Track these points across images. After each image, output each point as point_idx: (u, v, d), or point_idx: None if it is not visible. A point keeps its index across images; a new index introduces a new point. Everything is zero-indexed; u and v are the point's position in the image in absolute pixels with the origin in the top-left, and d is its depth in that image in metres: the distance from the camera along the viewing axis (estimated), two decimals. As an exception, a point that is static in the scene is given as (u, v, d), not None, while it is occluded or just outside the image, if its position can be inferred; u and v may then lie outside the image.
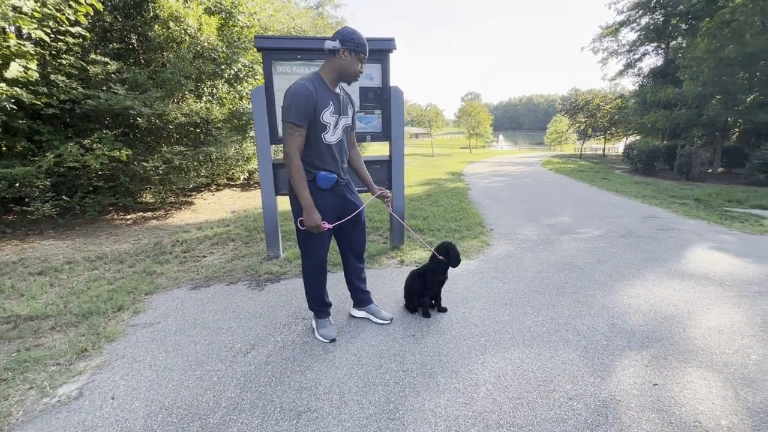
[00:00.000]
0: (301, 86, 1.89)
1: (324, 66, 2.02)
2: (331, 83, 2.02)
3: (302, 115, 1.89)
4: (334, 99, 2.02)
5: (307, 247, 2.21)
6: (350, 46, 1.92)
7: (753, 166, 10.35)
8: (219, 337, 2.35)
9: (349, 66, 1.98)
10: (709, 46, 11.14)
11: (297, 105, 1.87)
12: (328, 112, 1.98)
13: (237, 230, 5.10)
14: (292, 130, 1.89)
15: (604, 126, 25.08)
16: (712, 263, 3.65)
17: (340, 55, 1.95)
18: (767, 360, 2.10)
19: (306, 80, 1.94)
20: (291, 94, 1.90)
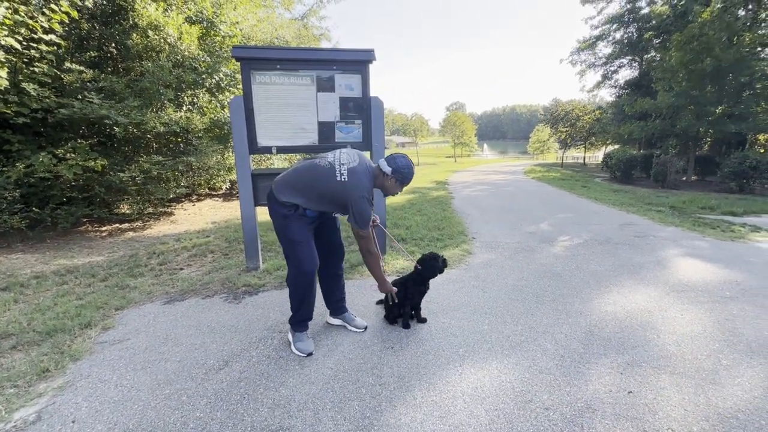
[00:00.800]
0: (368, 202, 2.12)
1: (378, 176, 2.24)
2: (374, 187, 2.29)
3: (369, 222, 2.18)
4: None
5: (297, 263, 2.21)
6: (398, 177, 2.21)
7: (724, 174, 10.76)
8: (191, 353, 2.28)
9: (391, 188, 2.28)
10: (682, 59, 11.62)
11: (367, 217, 2.13)
12: None
13: (217, 241, 4.99)
14: (366, 233, 2.19)
15: (583, 135, 25.76)
16: (685, 269, 3.75)
17: (389, 178, 2.22)
18: (737, 364, 2.14)
19: (368, 189, 2.15)
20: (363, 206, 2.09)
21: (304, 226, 2.18)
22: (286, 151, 3.76)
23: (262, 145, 3.59)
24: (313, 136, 3.70)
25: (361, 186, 2.10)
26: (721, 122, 11.69)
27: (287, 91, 3.54)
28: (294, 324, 2.34)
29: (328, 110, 3.67)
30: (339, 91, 3.67)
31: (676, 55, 11.93)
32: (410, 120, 37.82)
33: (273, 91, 3.52)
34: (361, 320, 2.59)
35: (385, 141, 4.06)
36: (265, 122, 3.55)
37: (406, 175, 2.21)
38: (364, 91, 3.72)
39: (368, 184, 2.15)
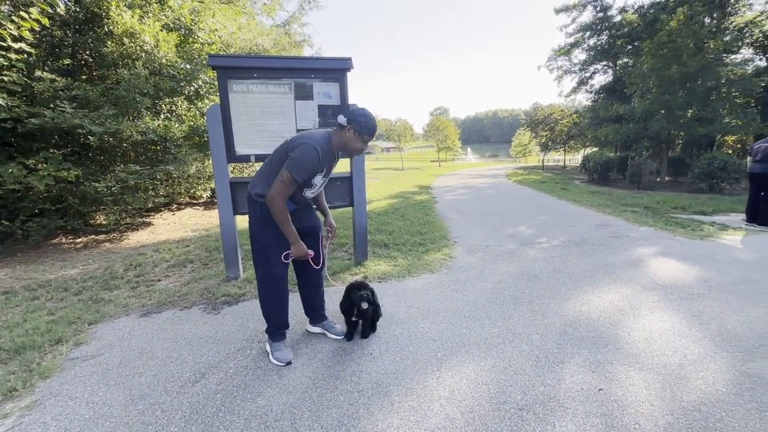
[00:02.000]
0: (315, 151, 1.98)
1: (335, 132, 2.13)
2: (334, 149, 2.15)
3: (304, 176, 2.00)
4: (329, 165, 2.18)
5: (267, 268, 2.20)
6: (356, 126, 2.05)
7: (694, 174, 11.19)
8: (167, 366, 2.24)
9: (352, 143, 2.10)
10: (654, 65, 12.07)
11: (305, 166, 1.97)
12: (319, 176, 2.13)
13: (197, 251, 4.92)
14: (289, 181, 1.98)
15: (563, 139, 26.40)
16: (657, 268, 3.88)
17: (346, 131, 2.08)
18: (702, 359, 2.24)
19: (319, 144, 2.02)
20: (305, 153, 1.96)
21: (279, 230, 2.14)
22: (264, 159, 3.74)
23: (240, 153, 3.57)
24: (292, 144, 3.70)
25: (311, 136, 2.03)
26: (691, 125, 12.17)
27: (265, 99, 3.54)
28: (270, 334, 2.33)
29: (306, 118, 3.69)
30: (317, 99, 3.69)
31: (648, 61, 12.39)
32: (394, 125, 38.10)
33: (250, 99, 3.51)
34: (341, 327, 2.60)
35: (368, 147, 4.09)
36: (242, 130, 3.54)
37: (363, 124, 2.05)
38: (342, 98, 3.75)
39: (320, 139, 2.04)
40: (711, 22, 15.87)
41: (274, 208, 2.00)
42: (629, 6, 20.00)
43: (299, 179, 1.98)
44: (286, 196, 2.00)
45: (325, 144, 2.06)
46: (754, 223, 5.97)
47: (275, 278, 2.21)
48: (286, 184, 1.97)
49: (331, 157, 2.16)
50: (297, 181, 1.98)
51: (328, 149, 2.08)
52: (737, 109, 12.28)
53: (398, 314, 2.90)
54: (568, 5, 21.84)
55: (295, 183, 1.98)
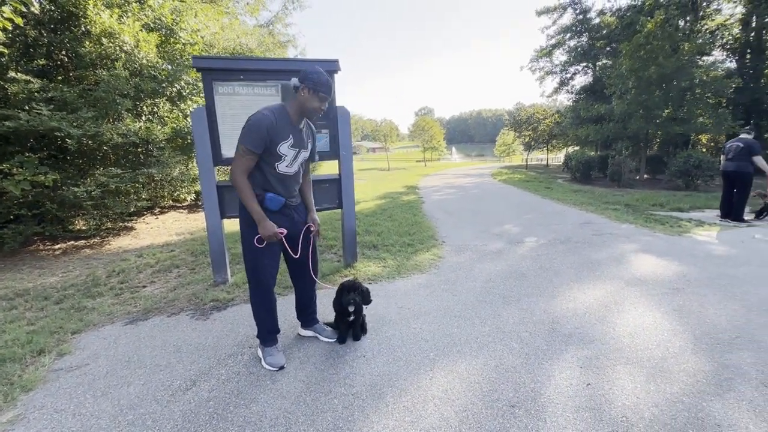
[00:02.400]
0: (263, 115, 1.96)
1: (290, 101, 2.10)
2: (294, 118, 2.09)
3: (257, 142, 1.95)
4: (294, 132, 2.11)
5: (255, 272, 2.18)
6: (309, 84, 1.99)
7: (671, 172, 11.57)
8: (156, 375, 2.19)
9: (308, 103, 2.04)
10: (632, 66, 12.43)
11: (254, 131, 1.94)
12: (286, 145, 2.06)
13: (182, 255, 4.83)
14: (243, 152, 1.97)
15: (545, 138, 26.91)
16: (638, 264, 4.01)
17: (301, 92, 2.03)
18: (683, 352, 2.32)
19: (269, 110, 2.01)
20: (252, 120, 1.98)
21: None
22: (252, 162, 3.71)
23: (227, 156, 3.52)
24: (280, 147, 3.67)
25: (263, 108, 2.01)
26: (668, 124, 12.58)
27: (252, 101, 3.50)
28: (261, 339, 2.32)
29: (294, 120, 3.66)
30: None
31: (626, 62, 12.75)
32: (380, 125, 38.12)
33: (237, 101, 3.47)
34: (332, 330, 2.60)
35: (353, 148, 4.09)
36: (229, 133, 3.49)
37: (316, 80, 1.98)
38: (330, 100, 3.73)
39: (272, 106, 2.03)
40: (685, 25, 16.44)
41: (235, 184, 1.99)
42: (607, 9, 20.55)
43: (252, 146, 1.94)
44: (245, 169, 1.99)
45: (279, 109, 2.03)
46: (728, 218, 6.22)
47: (259, 285, 2.20)
48: (240, 156, 1.96)
49: (293, 127, 2.08)
50: (250, 150, 1.94)
51: (283, 114, 2.04)
52: (710, 109, 12.75)
53: (390, 315, 2.92)
54: (549, 7, 22.31)
55: (249, 153, 1.95)
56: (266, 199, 2.10)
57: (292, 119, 2.08)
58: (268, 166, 2.06)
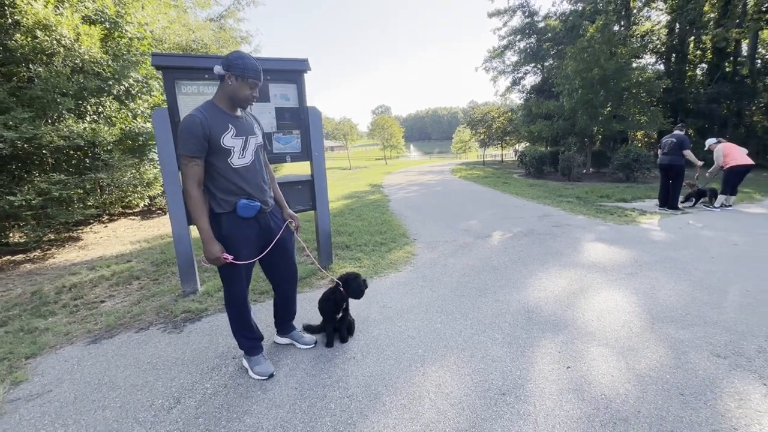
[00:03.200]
0: (189, 117, 1.86)
1: (217, 92, 1.99)
2: (227, 108, 1.98)
3: (194, 145, 1.84)
4: (234, 122, 1.99)
5: (232, 277, 2.09)
6: (235, 71, 1.88)
7: (614, 166, 12.55)
8: (134, 395, 2.05)
9: (237, 91, 1.92)
10: (576, 68, 13.31)
11: (185, 136, 1.84)
12: (228, 136, 1.94)
13: (141, 266, 4.51)
14: (185, 161, 1.86)
15: (499, 135, 28.09)
16: (595, 252, 4.33)
17: (227, 81, 1.91)
18: (645, 330, 2.56)
19: (196, 109, 1.91)
20: (181, 125, 1.88)
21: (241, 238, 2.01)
22: (220, 165, 3.55)
23: (192, 159, 3.34)
24: (250, 148, 3.55)
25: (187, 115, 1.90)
26: (609, 122, 13.62)
27: (218, 101, 3.34)
28: (245, 348, 2.24)
29: (263, 121, 3.55)
30: (274, 101, 3.58)
31: (571, 64, 13.63)
32: (339, 124, 37.77)
33: (202, 101, 3.29)
34: (310, 336, 2.56)
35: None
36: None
37: (242, 66, 1.87)
38: (300, 101, 3.67)
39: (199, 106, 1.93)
40: (620, 30, 17.86)
41: (185, 198, 1.90)
42: (552, 13, 21.80)
43: (190, 152, 1.83)
44: (196, 180, 1.87)
45: (206, 105, 1.94)
46: (665, 207, 6.88)
47: (231, 295, 2.11)
48: (184, 165, 1.86)
49: (230, 116, 1.97)
50: (190, 156, 1.84)
51: (213, 108, 1.94)
52: (644, 108, 13.97)
53: (373, 315, 2.94)
54: (500, 10, 23.25)
55: (191, 159, 1.84)
56: (239, 207, 1.97)
57: (226, 110, 1.97)
58: (221, 164, 1.93)
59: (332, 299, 2.45)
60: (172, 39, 7.59)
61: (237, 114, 2.02)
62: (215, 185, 1.96)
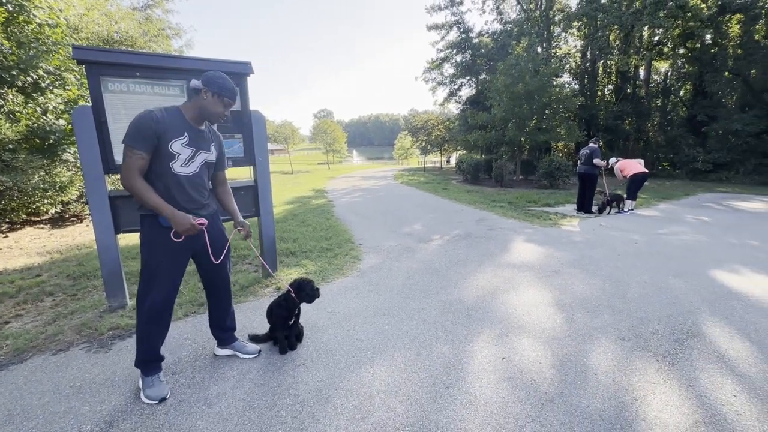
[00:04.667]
0: (146, 112, 1.88)
1: (187, 101, 2.04)
2: (192, 119, 2.02)
3: (139, 139, 1.83)
4: (192, 132, 2.01)
5: (149, 285, 1.99)
6: (213, 88, 1.95)
7: (540, 174, 13.82)
8: (55, 424, 1.85)
9: (211, 107, 1.99)
10: (505, 82, 14.46)
11: (134, 129, 1.84)
12: (179, 143, 1.95)
13: (55, 280, 4.02)
14: (129, 152, 1.85)
15: (439, 143, 29.38)
16: (525, 253, 4.76)
17: (202, 95, 1.96)
18: (565, 322, 2.89)
19: (158, 108, 1.92)
20: (135, 118, 1.88)
21: (163, 247, 1.97)
22: (153, 169, 3.31)
23: (120, 162, 3.09)
24: (187, 152, 3.37)
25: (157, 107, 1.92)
26: (534, 133, 14.99)
27: (151, 101, 3.13)
28: (143, 367, 2.07)
29: (203, 123, 3.40)
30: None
31: (501, 78, 14.79)
32: (280, 128, 36.67)
33: (132, 100, 3.07)
34: (253, 346, 2.50)
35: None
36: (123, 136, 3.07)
37: (222, 85, 1.95)
38: (243, 104, 3.57)
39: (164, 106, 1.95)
40: (543, 51, 19.74)
41: (128, 188, 1.86)
42: (485, 31, 23.45)
43: (135, 144, 1.81)
44: (136, 169, 1.84)
45: (171, 108, 1.96)
46: (582, 211, 7.75)
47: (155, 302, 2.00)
48: (128, 156, 1.83)
49: (190, 126, 1.99)
50: (134, 148, 1.81)
51: (176, 113, 1.96)
52: (564, 122, 15.60)
53: (321, 321, 2.95)
54: (438, 24, 24.45)
55: (133, 152, 1.82)
56: (161, 217, 1.92)
57: (189, 120, 2.00)
58: (161, 167, 1.92)
59: (285, 306, 2.43)
60: (91, 28, 6.89)
61: (200, 127, 2.06)
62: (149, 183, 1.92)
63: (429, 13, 23.95)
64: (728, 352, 2.45)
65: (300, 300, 2.46)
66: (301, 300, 2.46)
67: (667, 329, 2.75)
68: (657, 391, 2.05)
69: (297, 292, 2.45)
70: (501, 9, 23.01)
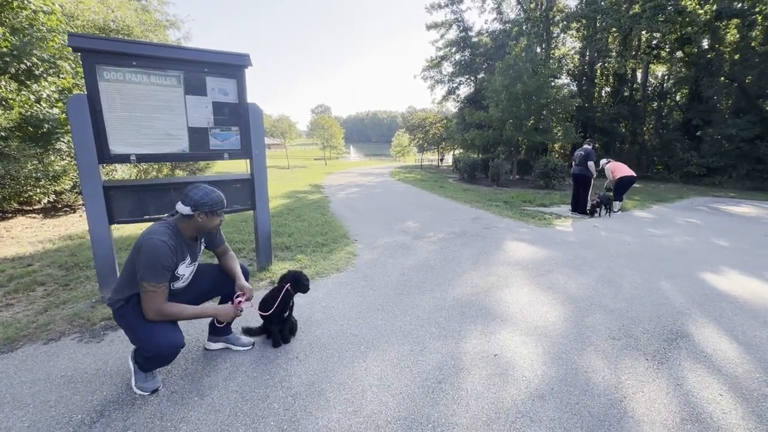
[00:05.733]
0: (161, 244, 1.84)
1: (181, 222, 2.02)
2: (190, 237, 2.07)
3: (162, 273, 1.85)
4: (191, 251, 2.08)
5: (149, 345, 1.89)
6: (205, 209, 1.97)
7: (536, 174, 13.88)
8: (46, 413, 1.84)
9: (207, 224, 2.03)
10: (503, 82, 14.47)
11: (155, 264, 1.81)
12: (184, 265, 2.03)
13: (47, 270, 3.99)
14: (150, 287, 1.82)
15: (436, 141, 29.39)
16: (519, 252, 4.79)
17: (196, 218, 1.99)
18: (558, 320, 2.92)
19: (165, 235, 1.89)
20: (151, 250, 1.82)
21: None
22: (149, 160, 3.29)
23: (116, 152, 3.07)
24: (183, 143, 3.35)
25: (154, 230, 1.90)
26: (531, 133, 15.03)
27: (148, 91, 3.11)
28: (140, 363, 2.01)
29: (199, 115, 3.38)
30: (212, 95, 3.42)
31: (499, 78, 14.80)
32: (277, 122, 36.47)
33: (128, 90, 3.04)
34: (247, 338, 2.51)
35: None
36: (118, 126, 3.04)
37: (209, 203, 1.97)
38: (240, 96, 3.55)
39: (164, 230, 1.92)
40: (541, 51, 19.78)
41: (160, 318, 1.86)
42: (484, 30, 23.43)
43: (159, 279, 1.83)
44: (162, 302, 1.85)
45: (173, 232, 1.96)
46: (576, 211, 7.81)
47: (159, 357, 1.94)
48: (152, 292, 1.82)
49: (188, 244, 2.05)
50: (157, 283, 1.82)
51: (178, 235, 1.98)
52: (561, 123, 15.65)
53: (315, 316, 2.95)
54: (437, 23, 24.37)
55: (158, 286, 1.83)
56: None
57: (187, 239, 2.05)
58: None
59: (283, 298, 2.42)
60: (87, 16, 6.80)
61: (194, 241, 2.11)
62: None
63: (429, 11, 23.86)
64: (716, 352, 2.49)
65: (296, 290, 2.49)
66: (297, 290, 2.49)
67: (657, 329, 2.79)
68: (646, 389, 2.08)
69: (293, 285, 2.45)
70: (501, 9, 22.98)
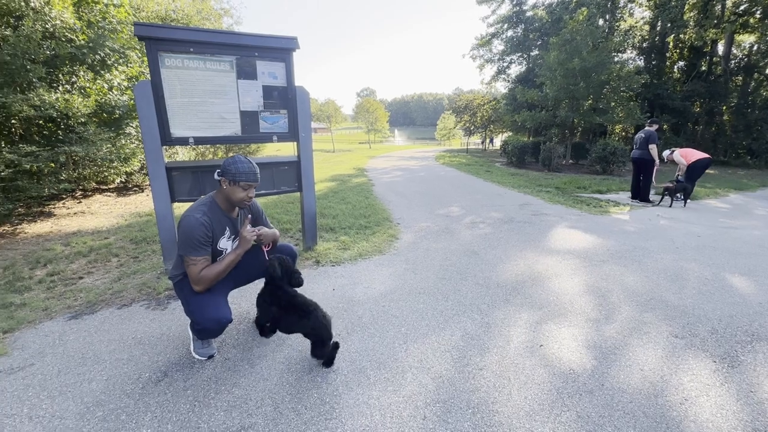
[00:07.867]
0: (194, 220, 1.91)
1: (217, 195, 2.09)
2: (226, 208, 2.10)
3: (198, 248, 1.92)
4: (230, 224, 2.12)
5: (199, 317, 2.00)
6: (228, 176, 1.99)
7: (592, 158, 12.94)
8: (119, 369, 2.07)
9: (232, 194, 2.04)
10: (558, 57, 13.48)
11: (190, 241, 1.90)
12: (224, 239, 2.08)
13: (120, 243, 4.42)
14: (189, 261, 1.92)
15: (483, 123, 28.31)
16: (570, 240, 4.53)
17: (223, 185, 2.04)
18: (612, 313, 2.74)
19: (199, 211, 1.96)
20: (184, 228, 1.92)
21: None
22: (205, 142, 3.49)
23: (176, 135, 3.27)
24: (235, 126, 3.50)
25: (193, 206, 1.99)
26: (589, 114, 13.96)
27: (203, 76, 3.27)
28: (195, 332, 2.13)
29: (250, 99, 3.50)
30: (262, 79, 3.52)
31: (554, 54, 13.79)
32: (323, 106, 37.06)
33: (186, 75, 3.21)
34: None
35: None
36: (178, 110, 3.24)
37: (233, 171, 1.97)
38: (288, 80, 3.62)
39: (201, 205, 2.01)
40: (604, 24, 18.10)
41: (205, 286, 1.96)
42: (540, 3, 21.83)
43: (198, 254, 1.91)
44: (201, 269, 1.93)
45: (209, 205, 2.02)
46: (636, 199, 7.20)
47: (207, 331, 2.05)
48: (192, 265, 1.91)
49: (228, 218, 2.09)
50: (195, 257, 1.91)
51: (215, 208, 2.04)
52: (623, 102, 14.35)
53: (357, 296, 3.01)
54: (489, -4, 23.06)
55: (196, 260, 1.91)
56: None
57: (225, 210, 2.09)
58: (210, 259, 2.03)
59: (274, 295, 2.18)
60: (151, 7, 7.24)
61: (234, 215, 2.15)
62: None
63: (479, -16, 22.62)
64: (801, 359, 2.21)
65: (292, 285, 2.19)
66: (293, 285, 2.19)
67: (729, 330, 2.52)
68: (712, 393, 1.91)
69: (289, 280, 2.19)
70: (560, -23, 21.23)
